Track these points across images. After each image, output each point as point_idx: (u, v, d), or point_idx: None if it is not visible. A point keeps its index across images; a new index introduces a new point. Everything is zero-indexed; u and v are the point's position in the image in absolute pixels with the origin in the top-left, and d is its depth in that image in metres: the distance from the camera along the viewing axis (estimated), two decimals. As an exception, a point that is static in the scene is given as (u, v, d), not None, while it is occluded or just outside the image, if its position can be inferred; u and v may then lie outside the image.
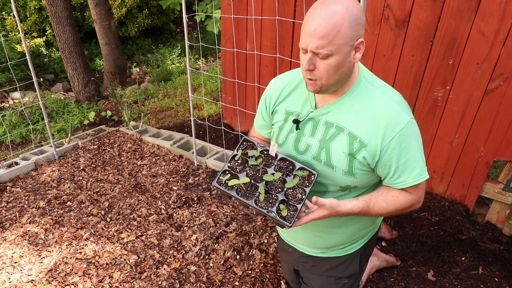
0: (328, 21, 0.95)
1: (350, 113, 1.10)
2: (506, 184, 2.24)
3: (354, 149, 1.09)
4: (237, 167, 1.20)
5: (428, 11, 2.18)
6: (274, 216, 1.08)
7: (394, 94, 1.11)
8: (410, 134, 1.07)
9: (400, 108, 1.07)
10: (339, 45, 0.97)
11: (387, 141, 1.06)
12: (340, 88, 1.10)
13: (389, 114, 1.06)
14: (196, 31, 10.47)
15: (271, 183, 1.16)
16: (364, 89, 1.10)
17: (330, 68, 1.01)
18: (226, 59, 3.56)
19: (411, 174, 1.11)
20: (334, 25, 0.94)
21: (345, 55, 0.99)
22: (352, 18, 0.95)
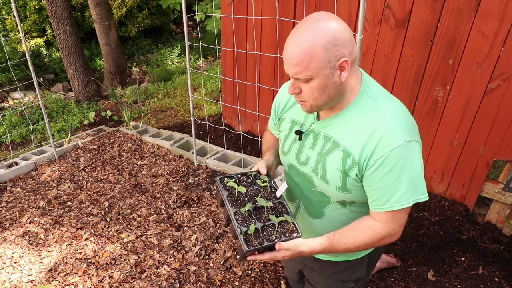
0: (300, 48, 0.95)
1: (347, 129, 1.08)
2: (506, 184, 2.24)
3: (347, 166, 1.07)
4: (244, 182, 1.26)
5: (428, 11, 2.18)
6: (239, 232, 1.10)
7: (396, 111, 1.04)
8: (398, 158, 1.00)
9: (398, 128, 1.00)
10: (316, 69, 0.96)
11: (373, 160, 1.02)
12: (338, 103, 1.07)
13: (382, 133, 1.00)
14: (196, 31, 10.47)
15: (259, 209, 1.18)
16: (364, 105, 1.05)
17: (314, 91, 1.01)
18: (226, 59, 3.56)
19: (389, 199, 1.03)
20: (307, 51, 0.95)
21: (326, 77, 0.98)
22: (326, 40, 0.94)
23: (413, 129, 1.04)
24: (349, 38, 0.97)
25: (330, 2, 2.56)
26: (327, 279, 1.39)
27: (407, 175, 1.01)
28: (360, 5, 1.68)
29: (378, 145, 1.01)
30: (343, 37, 0.95)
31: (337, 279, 1.36)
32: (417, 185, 1.03)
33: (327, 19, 0.96)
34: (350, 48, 0.97)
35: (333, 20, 0.96)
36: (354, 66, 1.03)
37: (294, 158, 1.22)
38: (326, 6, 2.60)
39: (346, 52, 0.96)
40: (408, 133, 1.01)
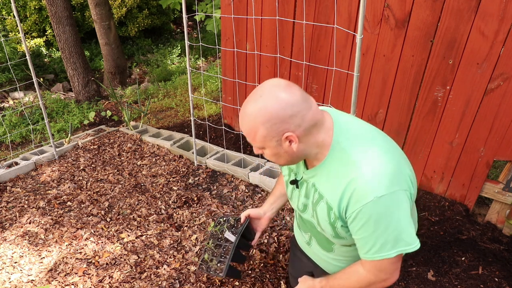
0: (245, 124, 1.01)
1: (327, 181, 1.08)
2: (506, 184, 2.24)
3: (331, 220, 1.09)
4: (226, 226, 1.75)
5: (428, 11, 2.18)
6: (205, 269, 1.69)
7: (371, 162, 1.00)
8: (371, 214, 0.98)
9: (369, 183, 0.97)
10: (263, 142, 1.01)
11: (349, 213, 1.03)
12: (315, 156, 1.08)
13: (354, 188, 0.99)
14: (196, 31, 10.47)
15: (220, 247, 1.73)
16: (338, 158, 1.04)
17: (271, 156, 1.06)
18: (226, 59, 3.56)
19: (369, 250, 1.04)
20: (250, 128, 1.00)
21: (276, 148, 1.02)
22: (266, 119, 0.96)
23: (391, 179, 0.98)
24: (291, 114, 0.96)
25: (330, 2, 2.56)
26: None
27: (383, 229, 1.00)
28: (360, 5, 1.68)
29: (350, 200, 1.01)
30: (282, 115, 0.96)
31: None
32: (398, 237, 1.00)
33: (268, 96, 0.97)
34: (297, 121, 0.98)
35: (274, 97, 0.97)
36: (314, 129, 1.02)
37: (296, 204, 1.27)
38: (326, 6, 2.61)
39: (290, 127, 0.98)
40: (382, 186, 0.97)
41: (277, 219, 2.49)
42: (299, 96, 0.98)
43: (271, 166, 2.98)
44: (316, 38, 2.75)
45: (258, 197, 2.75)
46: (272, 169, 2.96)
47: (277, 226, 2.42)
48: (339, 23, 2.53)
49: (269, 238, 2.30)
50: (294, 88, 0.99)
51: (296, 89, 0.99)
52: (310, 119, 0.99)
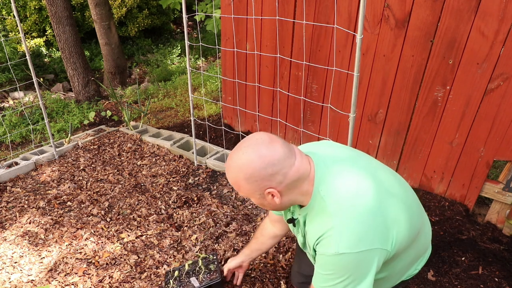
0: (230, 176, 1.07)
1: (309, 225, 1.12)
2: (506, 184, 2.24)
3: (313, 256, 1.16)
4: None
5: (428, 11, 2.18)
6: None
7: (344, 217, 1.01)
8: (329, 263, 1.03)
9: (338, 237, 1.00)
10: (247, 194, 1.08)
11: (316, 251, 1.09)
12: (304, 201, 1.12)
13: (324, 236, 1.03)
14: (196, 31, 10.47)
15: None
16: (317, 206, 1.07)
17: (257, 204, 1.13)
18: (226, 59, 3.56)
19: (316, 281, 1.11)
20: (235, 181, 1.06)
21: (259, 199, 1.08)
22: (248, 175, 1.02)
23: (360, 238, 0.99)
24: (272, 172, 1.01)
25: (330, 2, 2.56)
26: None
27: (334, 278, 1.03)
28: (360, 5, 1.68)
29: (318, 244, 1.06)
30: (264, 174, 1.01)
31: None
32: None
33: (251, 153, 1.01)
34: (279, 179, 1.02)
35: (257, 155, 1.01)
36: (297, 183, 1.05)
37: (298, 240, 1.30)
38: (326, 6, 2.61)
39: (272, 184, 1.02)
40: (347, 245, 0.99)
41: (277, 219, 2.50)
42: (281, 153, 1.01)
43: (271, 166, 2.98)
44: (316, 38, 2.75)
45: (258, 197, 2.75)
46: (272, 169, 2.95)
47: (277, 226, 2.42)
48: (339, 23, 2.53)
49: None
50: (277, 144, 1.02)
51: (279, 145, 1.02)
52: (292, 175, 1.03)
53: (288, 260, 2.13)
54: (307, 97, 2.97)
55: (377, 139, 2.71)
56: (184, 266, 2.01)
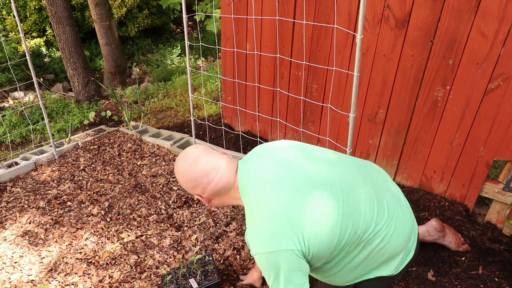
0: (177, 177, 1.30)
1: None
2: (506, 184, 2.24)
3: None
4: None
5: (428, 11, 2.18)
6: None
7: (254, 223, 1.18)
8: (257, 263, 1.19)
9: (251, 240, 1.18)
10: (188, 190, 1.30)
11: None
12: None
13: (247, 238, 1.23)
14: (196, 31, 10.47)
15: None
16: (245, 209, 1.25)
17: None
18: (226, 59, 3.56)
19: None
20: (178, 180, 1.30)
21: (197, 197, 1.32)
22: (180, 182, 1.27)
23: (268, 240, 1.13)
24: (192, 185, 1.24)
25: (330, 2, 2.56)
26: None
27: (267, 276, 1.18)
28: (360, 5, 1.68)
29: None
30: (187, 184, 1.25)
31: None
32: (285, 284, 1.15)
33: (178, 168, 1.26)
34: (199, 190, 1.25)
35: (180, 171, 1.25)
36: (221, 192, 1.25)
37: None
38: (326, 6, 2.61)
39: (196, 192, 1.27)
40: (257, 246, 1.15)
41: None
42: (198, 173, 1.22)
43: (271, 166, 2.97)
44: (316, 38, 2.75)
45: (258, 197, 2.75)
46: (272, 169, 2.95)
47: (277, 226, 2.42)
48: (339, 23, 2.53)
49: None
50: (199, 164, 1.22)
51: (200, 165, 1.22)
52: (211, 189, 1.24)
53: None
54: (307, 97, 2.97)
55: (377, 139, 2.71)
56: (179, 268, 2.01)
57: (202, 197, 1.28)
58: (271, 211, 1.14)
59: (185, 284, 1.89)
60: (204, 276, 1.91)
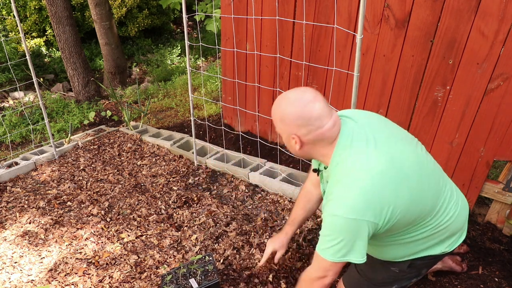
0: (272, 112, 1.27)
1: (329, 183, 1.28)
2: (506, 184, 2.24)
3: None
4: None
5: (428, 11, 2.18)
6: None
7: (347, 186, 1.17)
8: (329, 223, 1.19)
9: (337, 201, 1.17)
10: (279, 130, 1.27)
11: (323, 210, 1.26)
12: (325, 161, 1.28)
13: (331, 197, 1.21)
14: (196, 31, 10.47)
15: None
16: (333, 172, 1.24)
17: (284, 142, 1.30)
18: (226, 59, 3.56)
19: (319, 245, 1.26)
20: (274, 117, 1.26)
21: (286, 139, 1.27)
22: (282, 118, 1.21)
23: (354, 208, 1.13)
24: (300, 124, 1.18)
25: (330, 2, 2.56)
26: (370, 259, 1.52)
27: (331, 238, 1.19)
28: (360, 5, 1.68)
29: (325, 205, 1.24)
30: (294, 122, 1.19)
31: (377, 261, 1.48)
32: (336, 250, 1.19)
33: (294, 101, 1.19)
34: (304, 132, 1.19)
35: (297, 105, 1.18)
36: (319, 143, 1.22)
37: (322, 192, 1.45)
38: (326, 6, 2.61)
39: (297, 133, 1.20)
40: (341, 210, 1.15)
41: (277, 219, 2.50)
42: (314, 114, 1.16)
43: (271, 166, 2.98)
44: (316, 38, 2.75)
45: (258, 197, 2.75)
46: (272, 169, 2.96)
47: (277, 226, 2.42)
48: (339, 23, 2.53)
49: (270, 238, 2.30)
50: (316, 105, 1.17)
51: (317, 106, 1.16)
52: (316, 135, 1.19)
53: (288, 260, 2.13)
54: (307, 97, 2.96)
55: (377, 139, 2.71)
56: (179, 268, 2.01)
57: (299, 139, 1.21)
58: (368, 181, 1.14)
59: (185, 284, 1.89)
60: (204, 276, 1.91)
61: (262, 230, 2.37)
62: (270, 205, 2.64)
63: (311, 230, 2.37)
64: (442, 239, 1.34)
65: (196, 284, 1.85)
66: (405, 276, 1.46)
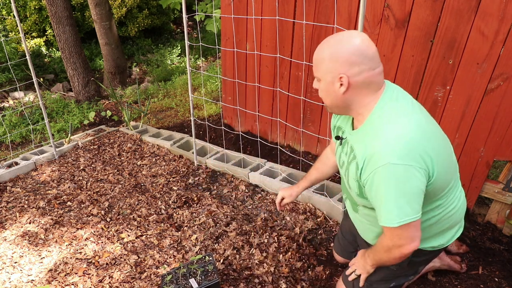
0: (318, 51, 1.18)
1: (361, 143, 1.20)
2: (506, 184, 2.24)
3: (358, 178, 1.22)
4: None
5: (428, 11, 2.18)
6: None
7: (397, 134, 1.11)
8: (383, 177, 1.10)
9: (389, 150, 1.09)
10: (322, 73, 1.17)
11: (366, 176, 1.16)
12: (357, 116, 1.23)
13: (374, 152, 1.12)
14: (196, 31, 10.47)
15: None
16: (374, 123, 1.17)
17: (321, 91, 1.22)
18: (226, 59, 3.56)
19: (381, 216, 1.17)
20: (320, 56, 1.17)
21: (328, 84, 1.17)
22: (333, 52, 1.13)
23: (408, 153, 1.08)
24: (354, 62, 1.11)
25: (330, 2, 2.56)
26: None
27: (392, 195, 1.11)
28: (360, 5, 1.68)
29: (369, 163, 1.14)
30: (347, 57, 1.11)
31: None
32: (401, 207, 1.11)
33: (349, 37, 1.13)
34: (355, 71, 1.12)
35: (353, 41, 1.12)
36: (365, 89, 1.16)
37: (338, 160, 1.41)
38: (326, 6, 2.60)
39: (347, 72, 1.12)
40: (400, 156, 1.08)
41: (277, 219, 2.50)
42: (370, 53, 1.12)
43: (271, 166, 2.98)
44: (316, 38, 2.75)
45: (258, 197, 2.75)
46: (272, 169, 2.96)
47: (277, 226, 2.42)
48: (339, 23, 2.53)
49: (269, 238, 2.30)
50: (373, 46, 1.13)
51: (374, 48, 1.13)
52: (366, 77, 1.13)
53: (288, 260, 2.13)
54: (307, 97, 2.97)
55: (377, 139, 2.71)
56: (179, 268, 2.01)
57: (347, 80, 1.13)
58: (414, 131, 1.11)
59: (185, 284, 1.89)
60: (204, 276, 1.91)
61: (262, 230, 2.37)
62: (270, 205, 2.64)
63: (311, 230, 2.37)
64: (444, 230, 1.35)
65: (196, 284, 1.85)
66: (403, 273, 1.47)
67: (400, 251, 1.19)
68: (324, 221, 2.43)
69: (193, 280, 1.87)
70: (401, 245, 1.18)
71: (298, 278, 2.04)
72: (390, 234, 1.18)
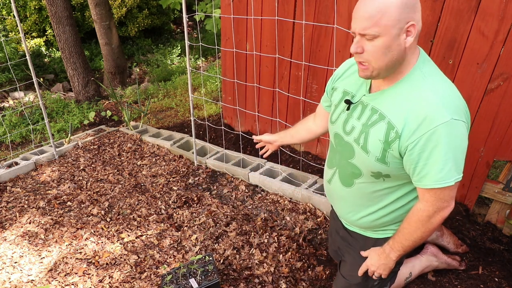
0: (375, 3, 0.99)
1: (395, 102, 1.11)
2: (506, 184, 2.24)
3: (389, 139, 1.11)
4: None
5: (428, 11, 2.18)
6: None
7: (445, 91, 1.06)
8: (441, 135, 1.02)
9: (444, 106, 1.02)
10: (386, 26, 0.99)
11: (417, 137, 1.05)
12: (393, 75, 1.11)
13: (428, 109, 1.03)
14: (196, 31, 10.47)
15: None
16: (416, 81, 1.08)
17: (378, 50, 1.03)
18: (226, 59, 3.56)
19: (431, 177, 1.08)
20: (381, 7, 0.98)
21: (393, 38, 1.01)
22: (403, 2, 0.98)
23: (461, 110, 1.05)
24: (419, 7, 1.02)
25: (330, 2, 2.56)
26: (354, 254, 1.44)
27: (452, 153, 1.04)
28: (360, 5, 1.67)
29: (424, 121, 1.03)
30: (415, 4, 1.00)
31: (362, 257, 1.40)
32: (459, 164, 1.06)
33: None
34: (419, 16, 1.02)
35: None
36: (416, 39, 1.06)
37: (341, 127, 1.29)
38: (326, 6, 2.60)
39: (415, 18, 1.01)
40: (455, 112, 1.02)
41: (277, 219, 2.50)
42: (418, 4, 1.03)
43: (271, 166, 2.98)
44: (316, 38, 2.75)
45: (258, 197, 2.75)
46: (272, 169, 2.96)
47: (277, 226, 2.42)
48: (339, 23, 2.53)
49: (269, 238, 2.30)
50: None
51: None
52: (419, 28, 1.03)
53: (288, 260, 2.13)
54: (307, 97, 2.96)
55: (377, 139, 2.71)
56: (179, 268, 2.01)
57: (415, 28, 1.02)
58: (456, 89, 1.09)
59: (185, 284, 1.89)
60: (204, 276, 1.91)
61: (262, 230, 2.37)
62: (270, 205, 2.64)
63: (311, 230, 2.37)
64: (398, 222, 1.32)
65: (196, 284, 1.85)
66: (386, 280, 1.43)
67: (442, 214, 1.13)
68: (324, 221, 2.43)
69: (193, 280, 1.87)
70: (444, 208, 1.12)
71: (298, 278, 2.04)
72: (435, 198, 1.10)
